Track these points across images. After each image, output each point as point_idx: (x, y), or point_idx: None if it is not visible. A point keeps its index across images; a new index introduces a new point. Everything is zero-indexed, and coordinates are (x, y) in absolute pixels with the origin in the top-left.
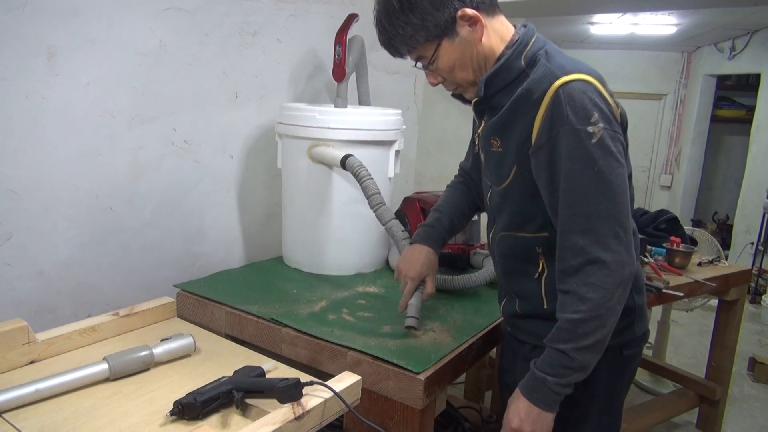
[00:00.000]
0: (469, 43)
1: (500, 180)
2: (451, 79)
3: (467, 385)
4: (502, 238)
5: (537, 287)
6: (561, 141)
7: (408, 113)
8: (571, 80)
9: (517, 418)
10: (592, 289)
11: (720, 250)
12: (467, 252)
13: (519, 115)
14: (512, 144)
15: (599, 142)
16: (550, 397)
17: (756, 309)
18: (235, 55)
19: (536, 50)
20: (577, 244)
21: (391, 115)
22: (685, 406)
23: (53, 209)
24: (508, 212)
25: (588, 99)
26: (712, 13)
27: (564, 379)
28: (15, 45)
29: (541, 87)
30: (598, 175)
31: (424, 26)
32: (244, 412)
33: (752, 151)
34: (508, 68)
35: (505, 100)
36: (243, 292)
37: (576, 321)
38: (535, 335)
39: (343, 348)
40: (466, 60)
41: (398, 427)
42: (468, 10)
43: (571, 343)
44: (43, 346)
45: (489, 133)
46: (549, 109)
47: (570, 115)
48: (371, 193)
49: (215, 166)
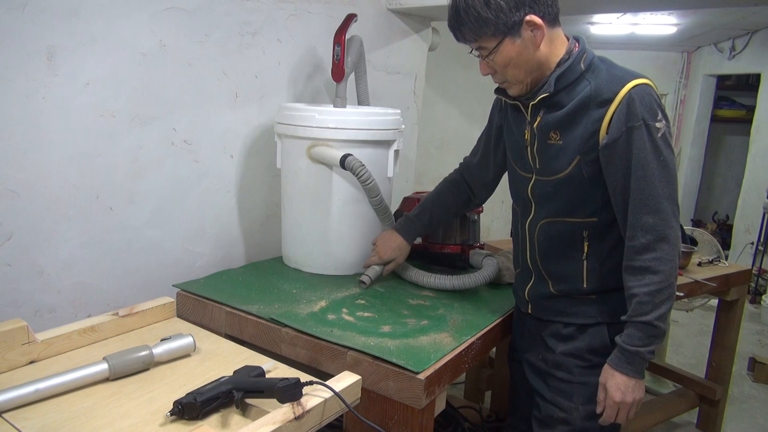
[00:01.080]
0: (527, 46)
1: (557, 170)
2: (503, 74)
3: (467, 385)
4: (547, 224)
5: (579, 268)
6: (635, 134)
7: (408, 113)
8: (640, 83)
9: (619, 391)
10: (663, 261)
11: (720, 250)
12: (467, 252)
13: (585, 112)
14: (576, 137)
15: (663, 136)
16: (643, 365)
17: (756, 309)
18: (235, 55)
19: (592, 57)
20: (648, 223)
21: (390, 114)
22: (685, 406)
23: (53, 209)
24: (561, 200)
25: (653, 99)
26: (712, 13)
27: (652, 346)
28: (15, 45)
29: (611, 88)
30: (663, 163)
31: (495, 22)
32: (244, 412)
33: (752, 151)
34: (572, 70)
35: (566, 98)
36: (243, 292)
37: (653, 292)
38: (567, 313)
39: (343, 348)
40: (522, 60)
41: (398, 427)
42: (536, 18)
43: (653, 313)
44: (43, 346)
45: (549, 127)
46: (623, 106)
47: (642, 112)
48: (373, 195)
49: (215, 166)
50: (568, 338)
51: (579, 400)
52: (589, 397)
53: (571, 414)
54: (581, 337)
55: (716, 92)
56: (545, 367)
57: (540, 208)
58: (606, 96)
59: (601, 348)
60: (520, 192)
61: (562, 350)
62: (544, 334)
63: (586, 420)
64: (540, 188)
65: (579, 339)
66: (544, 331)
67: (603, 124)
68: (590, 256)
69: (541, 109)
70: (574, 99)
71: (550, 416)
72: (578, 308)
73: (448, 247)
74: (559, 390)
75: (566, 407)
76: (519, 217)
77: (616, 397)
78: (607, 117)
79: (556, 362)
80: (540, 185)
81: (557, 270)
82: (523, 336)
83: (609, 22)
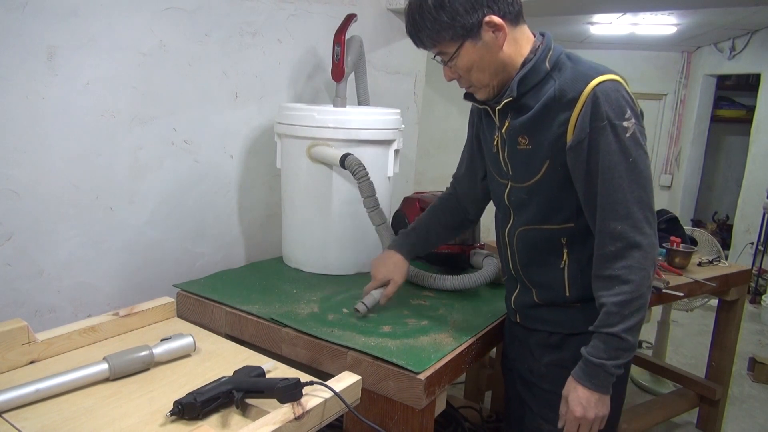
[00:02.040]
0: (489, 48)
1: (529, 176)
2: (467, 79)
3: (467, 385)
4: (524, 232)
5: (560, 276)
6: (600, 135)
7: (408, 113)
8: (605, 80)
9: (580, 406)
10: (633, 271)
11: (720, 250)
12: (467, 252)
13: (551, 113)
14: (543, 141)
15: (632, 136)
16: (608, 380)
17: (756, 309)
18: (235, 55)
19: (558, 54)
20: (616, 230)
21: (390, 114)
22: (685, 406)
23: (53, 209)
24: (535, 206)
25: (621, 97)
26: (712, 13)
27: (619, 360)
28: (15, 45)
29: (575, 87)
30: (632, 165)
31: (452, 26)
32: (244, 412)
33: (752, 151)
34: (536, 70)
35: (532, 100)
36: (243, 292)
37: (622, 303)
38: (551, 323)
39: (343, 348)
40: (485, 63)
41: (398, 427)
42: (495, 18)
43: (620, 325)
44: (43, 346)
45: (517, 132)
46: (587, 106)
47: (608, 111)
48: (367, 195)
49: (215, 166)
50: (553, 348)
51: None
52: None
53: (557, 427)
54: (567, 347)
55: (716, 92)
56: (532, 377)
57: (517, 215)
58: (570, 95)
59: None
60: (500, 199)
61: (548, 360)
62: (530, 344)
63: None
64: (515, 195)
65: (564, 348)
66: (531, 340)
67: (569, 125)
68: (571, 263)
69: (508, 114)
70: (540, 100)
71: (538, 429)
72: (563, 317)
73: (449, 247)
74: (545, 401)
75: (552, 420)
76: (499, 224)
77: (576, 411)
78: (572, 118)
79: (541, 373)
80: (515, 192)
81: (539, 278)
82: (513, 345)
83: (609, 22)
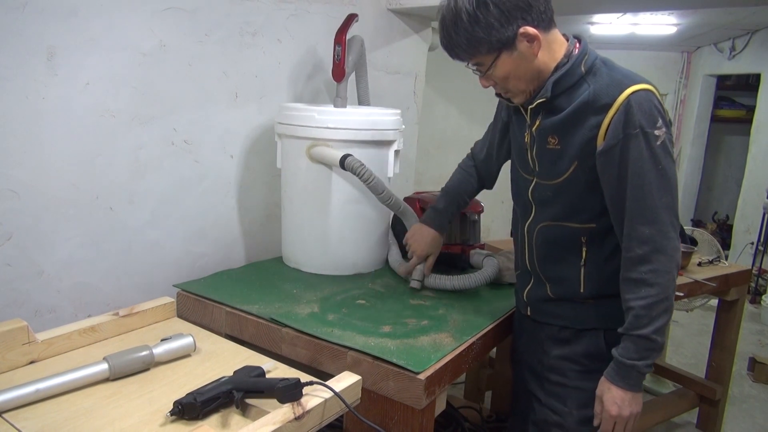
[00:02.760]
0: (525, 58)
1: (555, 174)
2: (504, 86)
3: (467, 385)
4: (545, 228)
5: (576, 273)
6: (632, 142)
7: (408, 113)
8: (640, 89)
9: (615, 405)
10: (659, 274)
11: (720, 250)
12: (467, 252)
13: (583, 116)
14: (574, 142)
15: (662, 144)
16: (640, 379)
17: (756, 309)
18: (235, 55)
19: (593, 59)
20: (644, 234)
21: (390, 114)
22: (685, 406)
23: (53, 209)
24: (559, 204)
25: (653, 106)
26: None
27: (649, 360)
28: (15, 45)
29: (610, 93)
30: (661, 172)
31: (488, 40)
32: (244, 412)
33: (752, 151)
34: (571, 74)
35: (565, 102)
36: (243, 292)
37: (649, 306)
38: (563, 317)
39: (343, 348)
40: (520, 72)
41: (398, 427)
42: (530, 29)
43: (649, 327)
44: (43, 346)
45: (547, 132)
46: (621, 113)
47: (640, 119)
48: (379, 192)
49: (215, 166)
50: (564, 342)
51: (573, 405)
52: (584, 402)
53: (565, 419)
54: (577, 342)
55: (716, 92)
56: (540, 369)
57: (539, 211)
58: (604, 101)
59: (597, 353)
60: (521, 193)
61: (557, 354)
62: (541, 337)
63: (581, 425)
64: (540, 192)
65: (575, 343)
66: (541, 333)
67: (600, 130)
68: (588, 261)
69: (540, 113)
70: (573, 103)
71: (545, 420)
72: (575, 312)
73: (449, 247)
74: (553, 394)
75: (560, 411)
76: (519, 218)
77: (612, 411)
78: (604, 123)
79: (550, 365)
80: (540, 188)
81: (555, 274)
82: (522, 338)
83: (609, 22)
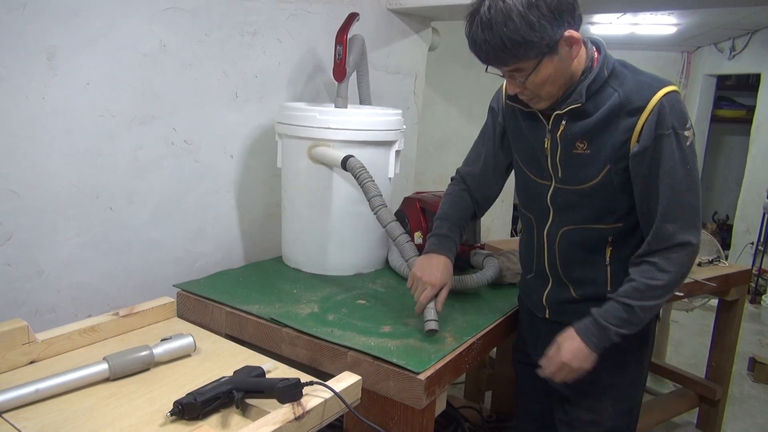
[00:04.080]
0: (564, 62)
1: (585, 179)
2: (536, 92)
3: (467, 385)
4: (571, 231)
5: (603, 272)
6: (665, 142)
7: (408, 113)
8: (671, 91)
9: (570, 354)
10: (673, 264)
11: (720, 250)
12: (467, 252)
13: (615, 120)
14: (606, 146)
15: (691, 145)
16: (605, 343)
17: (756, 309)
18: (235, 55)
19: (613, 63)
20: (669, 230)
21: (392, 115)
22: (685, 406)
23: (53, 209)
24: (588, 208)
25: (682, 108)
26: (712, 13)
27: (622, 329)
28: (15, 45)
29: (642, 96)
30: (689, 172)
31: (539, 44)
32: (244, 412)
33: (752, 151)
34: (599, 78)
35: (592, 107)
36: (243, 292)
37: (651, 286)
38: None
39: (343, 348)
40: (557, 76)
41: (398, 427)
42: (574, 32)
43: (640, 301)
44: (43, 346)
45: (575, 137)
46: (654, 114)
47: (672, 120)
48: (372, 195)
49: (215, 166)
50: None
51: (609, 400)
52: (618, 397)
53: (601, 415)
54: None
55: (716, 92)
56: None
57: (561, 215)
58: (637, 104)
59: (628, 348)
60: (535, 199)
61: None
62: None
63: (616, 420)
64: (562, 197)
65: None
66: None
67: (635, 132)
68: (613, 260)
69: (563, 118)
70: (602, 107)
71: (579, 419)
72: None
73: None
74: (585, 392)
75: (595, 408)
76: (533, 224)
77: (565, 357)
78: (638, 125)
79: None
80: (562, 194)
81: (580, 275)
82: (538, 341)
83: (609, 22)
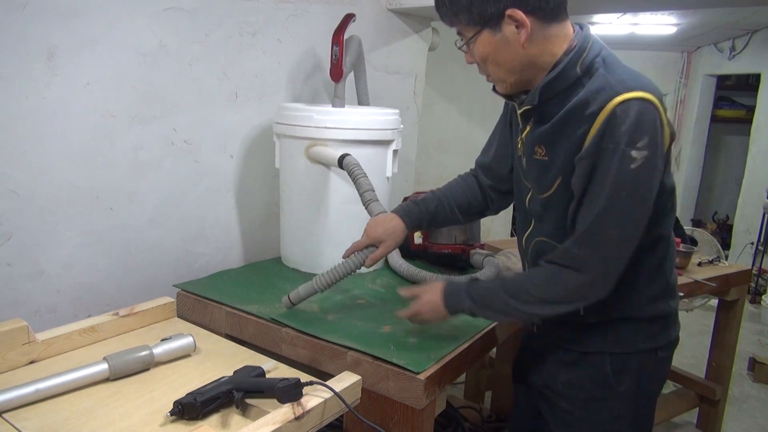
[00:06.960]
0: (509, 43)
1: (543, 189)
2: (483, 68)
3: (467, 385)
4: (541, 243)
5: None
6: (604, 157)
7: (408, 113)
8: (631, 98)
9: (428, 306)
10: (558, 285)
11: (720, 250)
12: (467, 252)
13: (570, 126)
14: (560, 154)
15: (637, 169)
16: (456, 309)
17: (756, 309)
18: (235, 55)
19: (593, 57)
20: (572, 251)
21: (389, 114)
22: (685, 406)
23: (53, 209)
24: (549, 221)
25: (642, 122)
26: (712, 13)
27: (477, 310)
28: (15, 45)
29: (598, 100)
30: (622, 201)
31: (469, 10)
32: (244, 412)
33: (752, 151)
34: (564, 77)
35: (556, 109)
36: (243, 292)
37: (527, 290)
38: (567, 340)
39: (343, 348)
40: (501, 58)
41: (398, 427)
42: (518, 12)
43: (511, 298)
44: (43, 346)
45: (534, 141)
46: (603, 124)
47: (621, 135)
48: (364, 190)
49: (215, 166)
50: (569, 366)
51: None
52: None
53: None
54: (582, 366)
55: (716, 92)
56: (550, 394)
57: (537, 224)
58: (592, 109)
59: (602, 380)
60: (521, 202)
61: (564, 380)
62: (548, 359)
63: None
64: (534, 203)
65: (580, 367)
66: (548, 355)
67: (586, 141)
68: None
69: (530, 118)
70: (563, 110)
71: None
72: (578, 335)
73: (449, 247)
74: (562, 422)
75: None
76: (519, 229)
77: (422, 308)
78: (590, 134)
79: (559, 391)
80: (533, 201)
81: None
82: (528, 356)
83: (609, 22)
